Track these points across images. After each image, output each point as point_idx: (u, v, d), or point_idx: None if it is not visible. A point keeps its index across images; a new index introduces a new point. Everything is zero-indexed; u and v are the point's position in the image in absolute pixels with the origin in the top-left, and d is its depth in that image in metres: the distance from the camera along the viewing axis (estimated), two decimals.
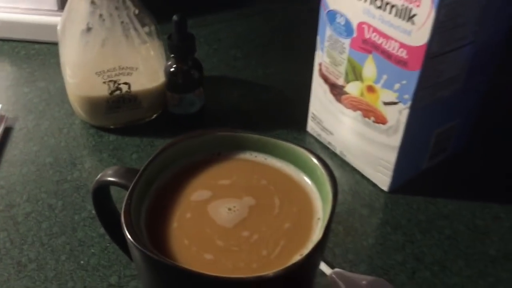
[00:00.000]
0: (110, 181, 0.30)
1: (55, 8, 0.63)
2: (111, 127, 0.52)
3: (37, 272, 0.39)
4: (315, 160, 0.30)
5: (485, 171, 0.49)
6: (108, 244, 0.41)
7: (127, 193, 0.27)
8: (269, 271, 0.24)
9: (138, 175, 0.28)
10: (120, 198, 0.29)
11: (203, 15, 0.72)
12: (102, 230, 0.42)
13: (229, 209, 0.28)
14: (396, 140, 0.43)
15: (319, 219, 0.28)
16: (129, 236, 0.25)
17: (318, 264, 0.29)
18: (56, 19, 0.63)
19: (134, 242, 0.25)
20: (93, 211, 0.44)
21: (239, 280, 0.24)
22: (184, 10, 0.48)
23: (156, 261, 0.25)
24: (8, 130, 0.52)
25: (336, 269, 0.37)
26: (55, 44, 0.64)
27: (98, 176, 0.31)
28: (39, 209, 0.44)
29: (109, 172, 0.31)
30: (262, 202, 0.29)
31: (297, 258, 0.26)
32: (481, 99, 0.47)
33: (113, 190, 0.32)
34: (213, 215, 0.28)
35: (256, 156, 0.32)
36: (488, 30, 0.40)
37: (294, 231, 0.28)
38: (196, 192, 0.29)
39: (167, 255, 0.26)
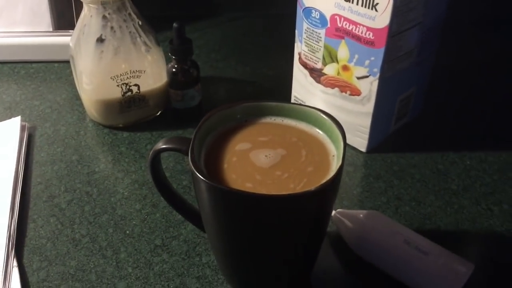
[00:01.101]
0: (165, 147, 0.38)
1: (50, 29, 0.70)
2: (122, 125, 0.59)
3: (91, 243, 0.46)
4: (323, 116, 0.39)
5: (439, 129, 0.60)
6: (146, 216, 0.49)
7: (190, 147, 0.36)
8: None
9: (193, 137, 0.37)
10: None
11: None
12: (138, 206, 0.50)
13: (266, 156, 0.37)
14: (369, 107, 0.53)
15: (333, 156, 0.37)
16: (198, 174, 0.33)
17: (338, 187, 0.38)
18: (51, 39, 0.70)
19: (202, 177, 0.33)
20: (126, 193, 0.51)
21: (289, 196, 0.33)
22: (160, 25, 0.56)
23: (219, 188, 0.34)
24: (30, 137, 0.58)
25: (338, 210, 0.47)
26: (51, 62, 0.72)
27: (154, 147, 0.39)
28: (78, 196, 0.51)
29: (161, 142, 0.39)
30: (292, 153, 0.38)
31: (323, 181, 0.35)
32: (430, 69, 0.58)
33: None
34: (253, 159, 0.37)
35: (275, 119, 0.41)
36: (432, 12, 0.51)
37: (315, 172, 0.37)
38: (240, 144, 0.38)
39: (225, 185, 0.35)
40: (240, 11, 0.85)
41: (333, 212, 0.47)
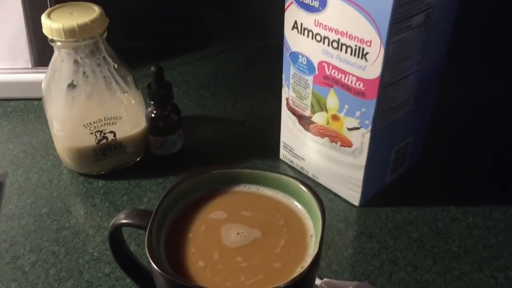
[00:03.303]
0: (124, 223, 0.34)
1: (29, 66, 0.67)
2: (99, 173, 0.55)
3: None
4: (302, 186, 0.35)
5: (439, 179, 0.55)
6: (115, 282, 0.45)
7: (148, 228, 0.32)
8: None
9: (152, 215, 0.33)
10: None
11: (168, 59, 0.77)
12: (107, 270, 0.46)
13: (238, 233, 0.33)
14: (362, 160, 0.48)
15: (312, 236, 0.33)
16: (151, 260, 0.30)
17: (316, 275, 0.33)
18: (30, 76, 0.67)
19: (154, 266, 0.30)
20: (95, 254, 0.47)
21: None
22: (151, 57, 0.53)
23: (170, 280, 0.30)
24: (0, 186, 0.54)
25: (325, 279, 0.42)
26: (30, 100, 0.68)
27: (113, 220, 0.35)
28: (44, 257, 0.47)
29: (122, 215, 0.35)
30: (268, 239, 0.33)
31: (299, 270, 0.31)
32: (429, 117, 0.54)
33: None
34: (223, 233, 0.33)
35: (249, 188, 0.37)
36: (429, 59, 0.47)
37: (280, 269, 0.32)
38: (214, 212, 0.35)
39: (178, 262, 0.31)
40: (234, 42, 0.81)
41: (319, 282, 0.42)
